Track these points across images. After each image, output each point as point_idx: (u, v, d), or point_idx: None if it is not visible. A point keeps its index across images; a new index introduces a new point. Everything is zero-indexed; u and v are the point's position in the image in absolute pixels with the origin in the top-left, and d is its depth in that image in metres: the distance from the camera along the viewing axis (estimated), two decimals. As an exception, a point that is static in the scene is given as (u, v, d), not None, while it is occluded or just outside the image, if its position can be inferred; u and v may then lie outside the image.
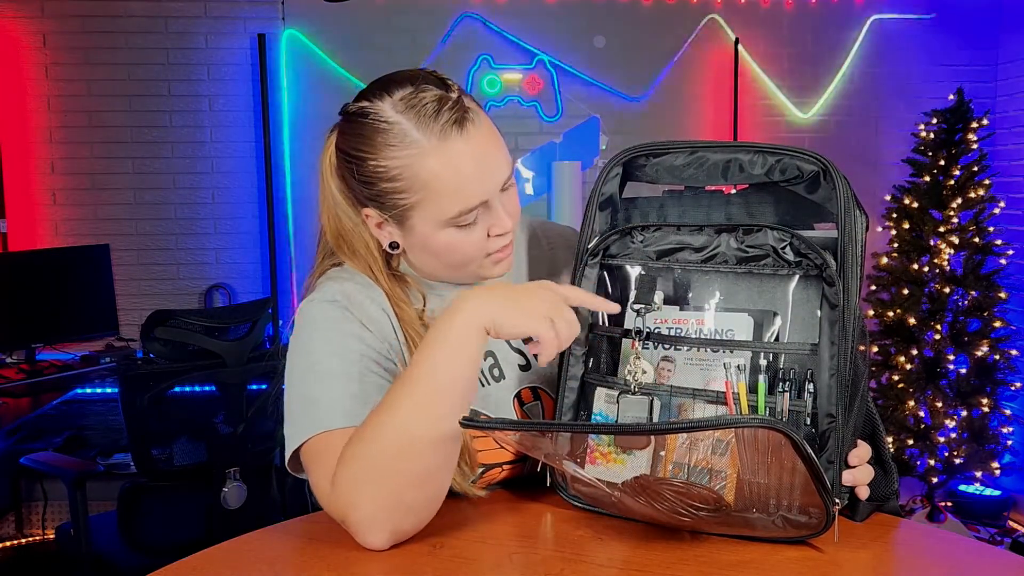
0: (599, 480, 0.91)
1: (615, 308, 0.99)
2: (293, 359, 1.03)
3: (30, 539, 3.61)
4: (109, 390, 3.28)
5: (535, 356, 0.94)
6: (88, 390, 3.25)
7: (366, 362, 1.00)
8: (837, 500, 0.86)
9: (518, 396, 1.12)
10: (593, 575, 0.86)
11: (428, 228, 1.02)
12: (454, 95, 1.00)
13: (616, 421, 0.97)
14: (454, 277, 1.10)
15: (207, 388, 2.43)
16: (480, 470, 1.06)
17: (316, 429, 0.96)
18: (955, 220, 3.43)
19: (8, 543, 3.57)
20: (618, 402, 0.97)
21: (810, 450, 0.79)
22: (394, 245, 1.07)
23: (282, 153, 3.70)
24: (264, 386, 2.51)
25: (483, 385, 1.09)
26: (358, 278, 1.08)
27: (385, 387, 0.99)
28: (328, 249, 1.12)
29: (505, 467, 1.09)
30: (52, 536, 3.51)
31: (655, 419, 0.96)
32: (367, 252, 1.08)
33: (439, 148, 0.97)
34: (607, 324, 1.04)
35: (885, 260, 3.53)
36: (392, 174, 0.99)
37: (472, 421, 0.82)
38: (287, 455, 1.00)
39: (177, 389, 2.32)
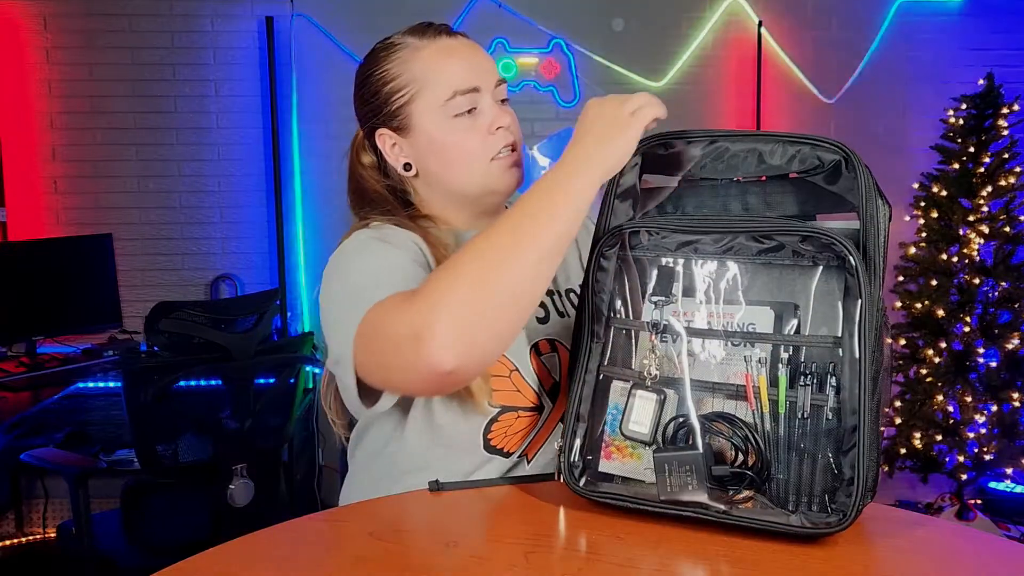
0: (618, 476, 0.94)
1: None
2: (330, 289, 1.06)
3: (30, 538, 3.58)
4: (112, 384, 3.26)
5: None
6: (90, 384, 3.23)
7: (405, 275, 1.03)
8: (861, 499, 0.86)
9: (535, 347, 1.16)
10: (612, 575, 0.84)
11: (428, 122, 1.13)
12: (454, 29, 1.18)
13: (624, 414, 0.97)
14: (464, 190, 1.16)
15: (213, 382, 2.40)
16: (496, 410, 1.10)
17: (367, 307, 0.97)
18: (985, 209, 3.36)
19: (8, 542, 3.54)
20: (630, 395, 0.98)
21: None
22: (407, 166, 1.18)
23: (290, 139, 3.65)
24: (272, 380, 2.48)
25: None
26: (393, 221, 1.16)
27: None
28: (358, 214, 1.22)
29: (522, 414, 1.13)
30: (53, 535, 3.46)
31: (666, 413, 0.96)
32: (383, 200, 1.18)
33: (429, 44, 1.15)
34: (625, 316, 1.03)
35: (913, 250, 3.47)
36: (391, 76, 1.14)
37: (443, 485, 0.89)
38: (329, 358, 1.04)
39: (182, 383, 2.31)
